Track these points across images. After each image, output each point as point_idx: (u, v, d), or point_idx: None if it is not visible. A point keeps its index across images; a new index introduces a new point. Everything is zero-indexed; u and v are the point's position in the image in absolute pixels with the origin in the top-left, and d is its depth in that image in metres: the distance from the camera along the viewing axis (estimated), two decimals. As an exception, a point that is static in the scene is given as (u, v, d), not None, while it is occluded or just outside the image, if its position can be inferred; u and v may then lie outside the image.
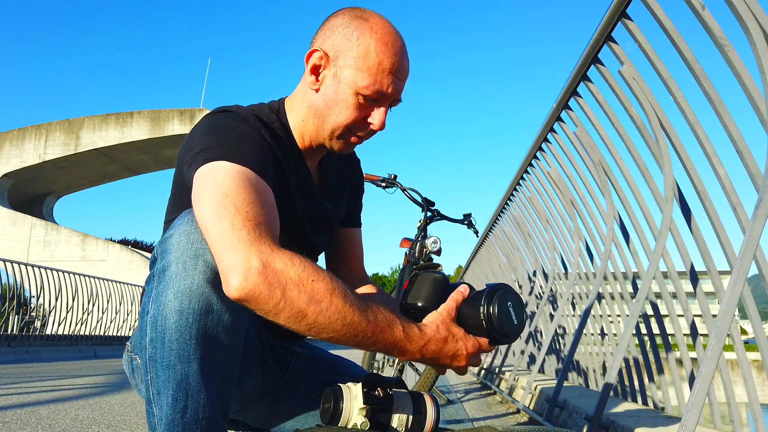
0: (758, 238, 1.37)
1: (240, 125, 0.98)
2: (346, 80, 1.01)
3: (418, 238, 3.26)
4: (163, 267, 0.87)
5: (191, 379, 0.84)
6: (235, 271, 0.79)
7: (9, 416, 2.40)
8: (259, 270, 0.79)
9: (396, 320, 0.88)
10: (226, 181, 0.86)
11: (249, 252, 0.80)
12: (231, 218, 0.82)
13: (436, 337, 0.91)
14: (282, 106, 1.11)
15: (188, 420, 0.85)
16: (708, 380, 1.35)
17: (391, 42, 1.01)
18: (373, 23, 1.02)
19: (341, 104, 1.03)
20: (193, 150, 0.94)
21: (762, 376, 19.99)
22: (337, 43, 1.02)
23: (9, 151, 17.92)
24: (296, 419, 1.20)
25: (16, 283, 8.61)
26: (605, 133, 2.44)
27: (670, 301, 2.32)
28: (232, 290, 0.80)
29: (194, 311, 0.84)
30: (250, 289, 0.79)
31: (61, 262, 14.89)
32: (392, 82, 1.02)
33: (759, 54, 1.43)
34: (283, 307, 0.80)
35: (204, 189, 0.86)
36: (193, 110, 18.58)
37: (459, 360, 0.94)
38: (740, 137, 1.61)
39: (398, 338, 0.88)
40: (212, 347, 0.86)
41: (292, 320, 0.82)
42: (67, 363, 6.95)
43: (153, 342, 0.85)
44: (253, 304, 0.81)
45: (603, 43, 2.12)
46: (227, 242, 0.81)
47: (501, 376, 4.40)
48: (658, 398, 2.59)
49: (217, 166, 0.89)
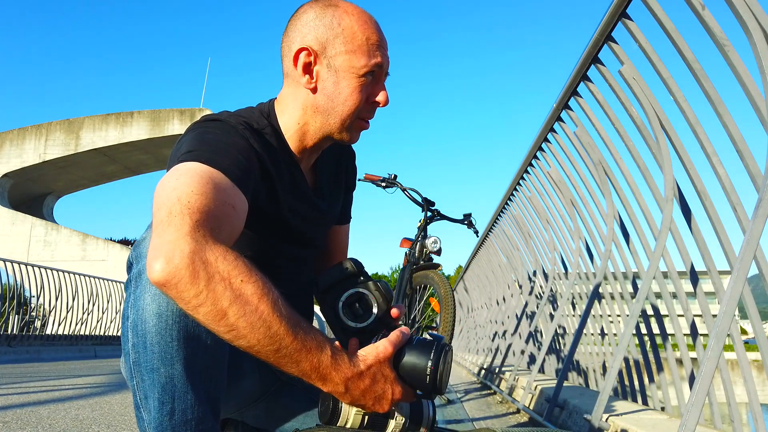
0: (758, 238, 1.37)
1: (226, 134, 0.96)
2: (342, 67, 1.02)
3: (418, 238, 3.26)
4: (138, 271, 0.86)
5: (176, 380, 0.83)
6: (160, 253, 0.75)
7: (9, 416, 2.40)
8: (186, 255, 0.75)
9: (327, 344, 0.83)
10: (181, 177, 0.83)
11: (179, 236, 0.76)
12: (170, 206, 0.78)
13: (367, 372, 0.85)
14: (272, 110, 1.09)
15: (177, 422, 0.84)
16: (708, 380, 1.35)
17: (368, 18, 1.04)
18: (345, 7, 1.04)
19: (344, 91, 1.03)
20: (175, 156, 0.92)
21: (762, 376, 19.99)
22: (321, 34, 1.02)
23: (9, 150, 17.93)
24: (295, 419, 1.19)
25: (16, 282, 8.61)
26: (605, 133, 2.44)
27: (670, 301, 2.32)
28: (154, 272, 0.75)
29: (173, 312, 0.83)
30: (171, 272, 0.74)
31: (62, 262, 14.89)
32: (384, 55, 1.04)
33: (759, 54, 1.43)
34: (203, 301, 0.75)
35: (160, 183, 0.84)
36: (193, 110, 18.58)
37: (382, 404, 0.88)
38: (740, 137, 1.61)
39: (324, 363, 0.81)
40: (195, 347, 0.85)
41: (211, 318, 0.76)
42: (67, 363, 6.95)
43: (135, 347, 0.84)
44: (173, 290, 0.76)
45: (603, 43, 2.12)
46: (160, 228, 0.77)
47: (501, 376, 4.39)
48: (658, 398, 2.59)
49: (185, 166, 0.86)
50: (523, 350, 4.47)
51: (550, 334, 3.56)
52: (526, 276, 4.53)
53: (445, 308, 2.73)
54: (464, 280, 8.60)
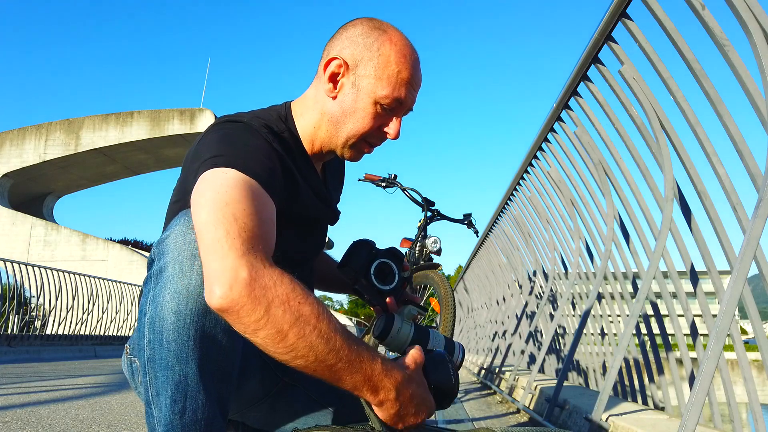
0: (758, 237, 1.37)
1: (251, 137, 0.97)
2: (365, 89, 1.03)
3: (418, 238, 3.26)
4: (160, 268, 0.87)
5: (190, 380, 0.84)
6: (221, 279, 0.77)
7: (9, 416, 2.40)
8: (246, 281, 0.77)
9: (377, 354, 0.86)
10: (228, 189, 0.84)
11: (239, 262, 0.77)
12: (227, 227, 0.80)
13: (414, 378, 0.89)
14: (289, 113, 1.11)
15: (187, 421, 0.85)
16: (708, 380, 1.35)
17: (408, 54, 1.05)
18: (391, 35, 1.05)
19: (359, 113, 1.04)
20: (201, 158, 0.93)
21: (762, 376, 20.00)
22: (357, 52, 1.04)
23: (9, 150, 17.93)
24: (296, 421, 1.20)
25: (16, 282, 8.61)
26: (605, 133, 2.44)
27: (670, 301, 2.32)
28: (214, 298, 0.77)
29: (192, 312, 0.83)
30: (234, 300, 0.76)
31: (62, 262, 14.89)
32: (408, 92, 1.05)
33: (759, 54, 1.43)
34: (264, 325, 0.78)
35: (205, 193, 0.85)
36: (193, 110, 18.58)
37: (419, 414, 0.89)
38: (740, 137, 1.61)
39: (377, 370, 0.84)
40: (211, 348, 0.85)
41: (270, 340, 0.78)
42: (68, 363, 6.95)
43: (151, 343, 0.85)
44: (233, 316, 0.78)
45: (603, 43, 2.12)
46: (219, 250, 0.78)
47: (501, 375, 4.39)
48: (658, 398, 2.59)
49: (224, 173, 0.87)
50: (523, 350, 4.46)
51: (550, 334, 3.56)
52: (526, 276, 4.52)
53: (445, 308, 2.73)
54: (464, 280, 8.60)
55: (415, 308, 1.12)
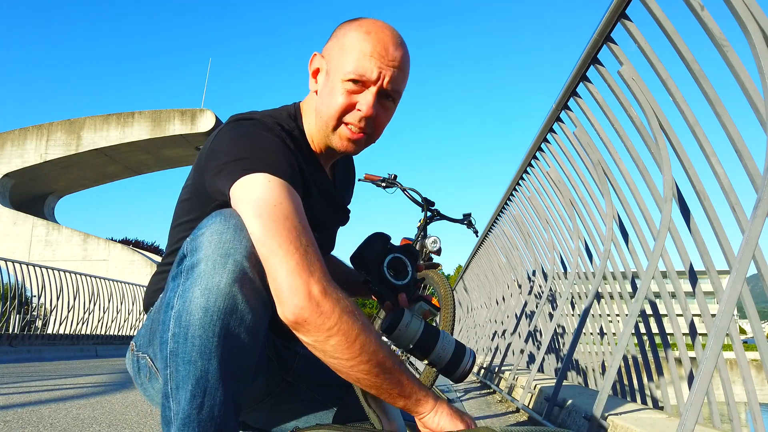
0: (757, 237, 1.38)
1: (268, 135, 0.99)
2: (333, 71, 1.05)
3: (418, 237, 3.27)
4: (192, 263, 0.88)
5: (210, 376, 0.85)
6: (296, 294, 0.83)
7: (10, 415, 2.41)
8: (320, 297, 0.84)
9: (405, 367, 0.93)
10: (276, 198, 0.89)
11: (308, 277, 0.84)
12: (292, 239, 0.86)
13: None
14: (298, 112, 1.13)
15: (204, 417, 0.86)
16: (707, 379, 1.35)
17: (374, 31, 1.04)
18: (362, 22, 1.06)
19: (331, 94, 1.05)
20: (220, 158, 0.95)
21: (761, 376, 19.98)
22: (331, 45, 1.07)
23: (10, 150, 17.94)
24: (298, 420, 1.20)
25: (17, 282, 8.62)
26: (604, 134, 2.44)
27: (669, 301, 2.32)
28: (289, 313, 0.83)
29: (219, 309, 0.85)
30: (311, 313, 0.83)
31: (63, 262, 14.89)
32: (376, 66, 1.02)
33: (758, 55, 1.44)
34: (335, 333, 0.84)
35: (253, 203, 0.88)
36: (194, 110, 18.58)
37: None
38: (739, 137, 1.61)
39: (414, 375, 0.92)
40: (233, 347, 0.87)
41: (340, 346, 0.85)
42: (69, 362, 6.96)
43: (176, 336, 0.86)
44: (305, 327, 0.84)
45: (602, 43, 2.13)
46: (286, 263, 0.84)
47: (500, 375, 4.40)
48: (658, 397, 2.59)
49: (266, 179, 0.91)
50: (522, 349, 4.47)
51: (549, 334, 3.56)
52: (526, 276, 4.53)
53: (444, 308, 2.73)
54: (464, 279, 8.60)
55: (426, 304, 1.11)
